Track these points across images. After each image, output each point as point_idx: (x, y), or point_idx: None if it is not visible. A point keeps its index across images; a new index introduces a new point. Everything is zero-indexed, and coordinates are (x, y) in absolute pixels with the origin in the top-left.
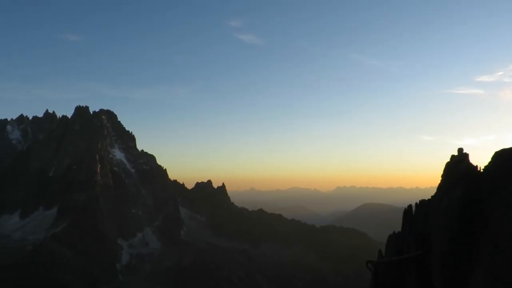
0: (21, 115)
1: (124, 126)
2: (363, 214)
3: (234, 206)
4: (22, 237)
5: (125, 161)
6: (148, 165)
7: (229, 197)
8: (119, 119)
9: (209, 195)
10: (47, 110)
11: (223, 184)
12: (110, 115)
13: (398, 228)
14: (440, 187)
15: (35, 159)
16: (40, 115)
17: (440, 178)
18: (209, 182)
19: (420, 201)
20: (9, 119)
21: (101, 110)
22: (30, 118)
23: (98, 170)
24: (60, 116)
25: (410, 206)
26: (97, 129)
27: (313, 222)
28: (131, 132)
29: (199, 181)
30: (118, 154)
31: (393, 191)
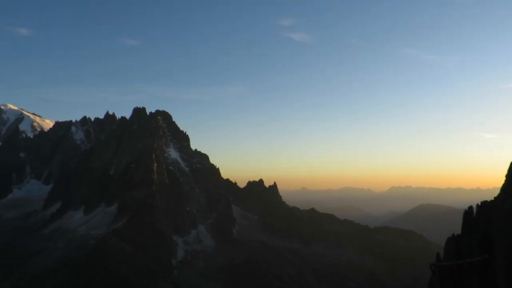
0: (84, 117)
1: (178, 126)
2: (419, 215)
3: (286, 205)
4: (85, 232)
5: (179, 160)
6: (201, 164)
7: (280, 196)
8: (173, 119)
9: (261, 194)
10: (107, 112)
11: (274, 183)
12: (165, 116)
13: (457, 230)
14: (504, 188)
15: (97, 158)
16: (102, 116)
17: (504, 179)
18: (261, 181)
19: (481, 203)
20: (73, 121)
21: (157, 111)
22: (93, 119)
23: (155, 169)
24: (120, 117)
25: (470, 207)
26: (154, 129)
27: (366, 223)
28: (185, 132)
29: (251, 180)
30: (173, 153)
31: (452, 192)
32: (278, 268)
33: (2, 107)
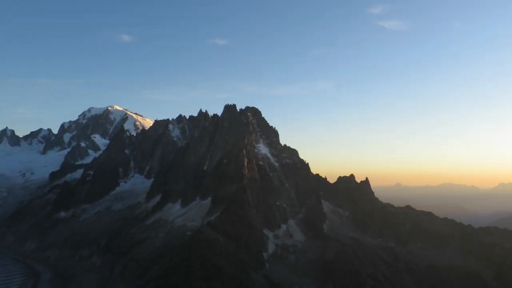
0: (180, 115)
1: (268, 121)
2: None
3: (379, 201)
4: (183, 223)
5: (269, 155)
6: (291, 159)
7: (373, 192)
8: (263, 115)
9: (352, 190)
10: (200, 110)
11: (366, 178)
12: (255, 112)
13: None
14: None
15: (192, 154)
16: (195, 114)
17: None
18: (352, 176)
19: None
20: (170, 119)
21: (247, 107)
22: (187, 117)
23: (245, 164)
24: (212, 115)
25: None
26: (244, 126)
27: (470, 222)
28: (275, 127)
29: (342, 175)
30: (262, 148)
31: None
32: (371, 266)
33: (109, 108)
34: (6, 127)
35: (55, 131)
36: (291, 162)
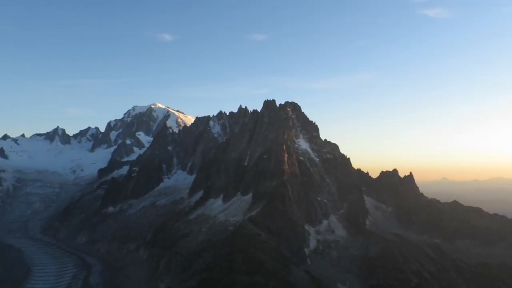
0: (220, 111)
1: (307, 116)
2: None
3: (424, 197)
4: (225, 218)
5: (309, 150)
6: (331, 154)
7: (417, 187)
8: (302, 110)
9: (395, 185)
10: (240, 106)
11: (410, 173)
12: (294, 107)
13: None
14: None
15: (232, 150)
16: (235, 110)
17: None
18: (395, 171)
19: None
20: (211, 116)
21: (286, 102)
22: (227, 113)
23: (285, 159)
24: (252, 110)
25: None
26: (283, 121)
27: None
28: (314, 122)
29: (384, 170)
30: (302, 144)
31: None
32: (416, 264)
33: (152, 106)
34: (58, 127)
35: (102, 129)
36: (332, 157)
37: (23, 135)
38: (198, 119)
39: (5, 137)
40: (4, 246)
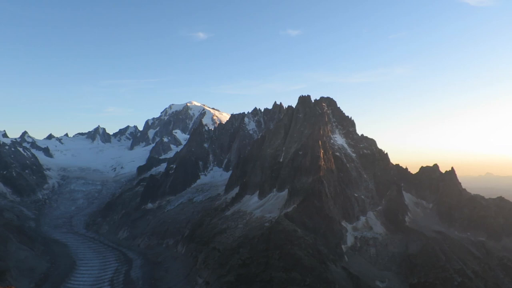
0: (255, 108)
1: (343, 111)
2: None
3: (466, 192)
4: (261, 214)
5: (345, 146)
6: (368, 149)
7: (459, 183)
8: (338, 105)
9: (436, 181)
10: (275, 102)
11: (452, 168)
12: (330, 102)
13: None
14: None
15: (267, 146)
16: (270, 107)
17: None
18: (436, 166)
19: None
20: (246, 113)
21: (321, 98)
22: (262, 110)
23: (321, 155)
24: (286, 106)
25: None
26: (319, 117)
27: None
28: (351, 117)
29: (424, 165)
30: (339, 139)
31: None
32: (459, 262)
33: (188, 104)
34: (98, 126)
35: (140, 127)
36: (369, 152)
37: (66, 135)
38: (233, 116)
39: (50, 136)
40: (51, 241)
